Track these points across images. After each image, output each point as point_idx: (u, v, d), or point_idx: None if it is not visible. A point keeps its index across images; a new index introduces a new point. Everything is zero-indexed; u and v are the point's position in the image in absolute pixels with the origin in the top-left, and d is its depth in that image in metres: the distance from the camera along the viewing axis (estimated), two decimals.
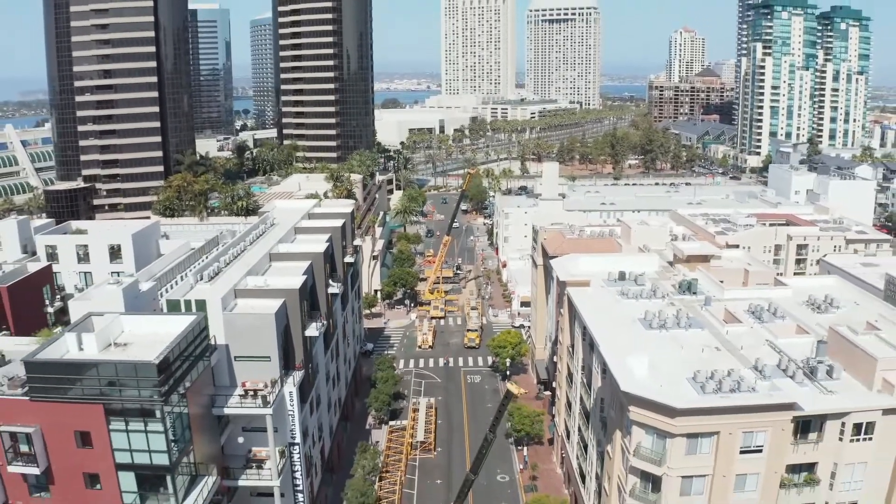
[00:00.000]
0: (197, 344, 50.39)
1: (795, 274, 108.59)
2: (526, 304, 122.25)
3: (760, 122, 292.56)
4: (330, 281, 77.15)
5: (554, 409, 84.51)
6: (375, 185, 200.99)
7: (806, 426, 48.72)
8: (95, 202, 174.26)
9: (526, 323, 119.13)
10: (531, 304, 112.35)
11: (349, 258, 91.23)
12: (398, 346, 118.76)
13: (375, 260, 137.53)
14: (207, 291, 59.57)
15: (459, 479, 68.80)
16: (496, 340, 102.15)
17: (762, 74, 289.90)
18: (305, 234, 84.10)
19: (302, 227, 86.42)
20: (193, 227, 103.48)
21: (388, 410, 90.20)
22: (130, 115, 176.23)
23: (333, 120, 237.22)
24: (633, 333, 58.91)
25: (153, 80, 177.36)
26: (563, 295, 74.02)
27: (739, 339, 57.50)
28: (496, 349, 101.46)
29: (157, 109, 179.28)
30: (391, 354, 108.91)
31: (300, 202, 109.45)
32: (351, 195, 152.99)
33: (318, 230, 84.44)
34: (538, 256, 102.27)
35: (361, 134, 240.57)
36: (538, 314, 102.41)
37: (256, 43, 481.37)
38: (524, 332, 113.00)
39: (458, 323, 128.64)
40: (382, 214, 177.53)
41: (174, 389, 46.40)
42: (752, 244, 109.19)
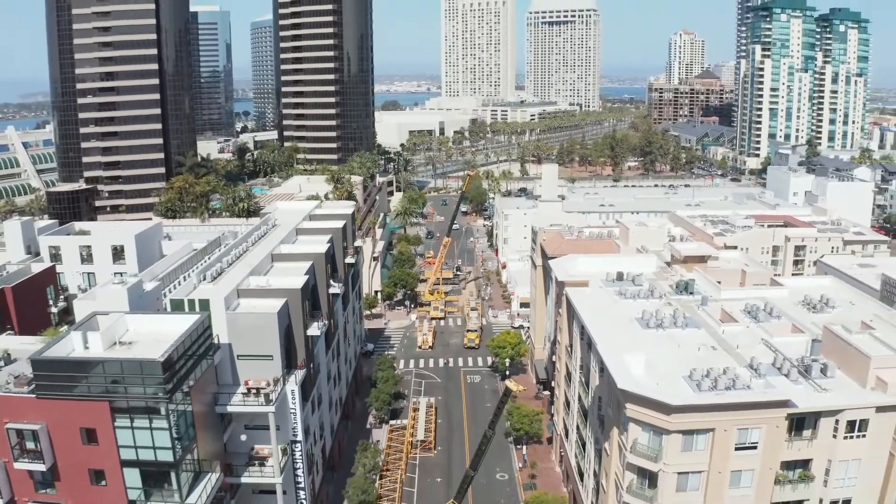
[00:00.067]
0: (201, 343, 51.15)
1: (793, 275, 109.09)
2: (525, 304, 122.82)
3: (759, 123, 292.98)
4: (331, 281, 77.85)
5: (553, 408, 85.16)
6: (376, 186, 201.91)
7: (800, 423, 49.37)
8: (97, 203, 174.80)
9: (525, 323, 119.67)
10: (530, 304, 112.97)
11: (350, 259, 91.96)
12: (398, 346, 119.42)
13: (376, 261, 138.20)
14: (211, 291, 60.22)
15: (459, 477, 69.45)
16: (496, 341, 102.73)
17: (761, 76, 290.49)
18: (307, 234, 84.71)
19: (303, 228, 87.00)
20: (195, 228, 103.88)
21: (388, 410, 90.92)
22: (132, 116, 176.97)
23: (334, 122, 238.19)
24: (630, 333, 59.53)
25: (155, 82, 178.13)
26: (561, 295, 74.71)
27: (735, 338, 58.12)
28: (496, 349, 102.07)
29: (158, 111, 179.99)
30: (391, 355, 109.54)
31: (301, 203, 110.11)
32: (351, 197, 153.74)
33: (319, 231, 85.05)
34: (537, 257, 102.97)
35: (362, 136, 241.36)
36: (537, 315, 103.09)
37: (257, 45, 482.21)
38: (523, 332, 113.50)
39: (457, 323, 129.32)
40: (383, 216, 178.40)
41: (178, 387, 47.12)
42: (750, 245, 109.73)
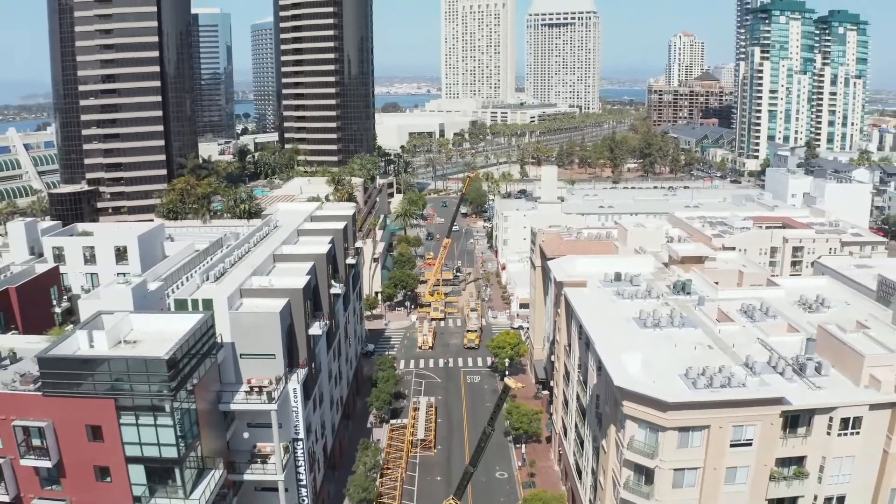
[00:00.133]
0: (204, 341, 51.92)
1: (791, 276, 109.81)
2: (525, 305, 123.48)
3: (759, 125, 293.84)
4: (332, 282, 78.58)
5: (552, 407, 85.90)
6: (376, 188, 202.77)
7: (795, 421, 50.06)
8: (99, 205, 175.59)
9: (525, 324, 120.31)
10: (530, 305, 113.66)
11: (351, 260, 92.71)
12: (399, 346, 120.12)
13: (376, 262, 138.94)
14: (214, 291, 60.94)
15: (459, 476, 70.13)
16: (495, 341, 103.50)
17: (760, 78, 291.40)
18: (308, 236, 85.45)
19: (304, 229, 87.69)
20: (197, 229, 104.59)
21: (388, 409, 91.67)
22: (134, 118, 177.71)
23: (334, 124, 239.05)
24: (627, 332, 60.25)
25: (156, 84, 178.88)
26: (560, 295, 75.46)
27: (731, 337, 58.79)
28: (495, 350, 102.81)
29: (160, 113, 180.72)
30: (392, 355, 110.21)
31: (302, 205, 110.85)
32: (352, 198, 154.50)
33: (320, 232, 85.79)
34: (536, 258, 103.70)
35: (362, 138, 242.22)
36: (536, 315, 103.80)
37: (257, 47, 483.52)
38: (523, 333, 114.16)
39: (457, 324, 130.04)
40: (383, 217, 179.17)
41: (183, 385, 47.86)
42: (748, 246, 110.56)
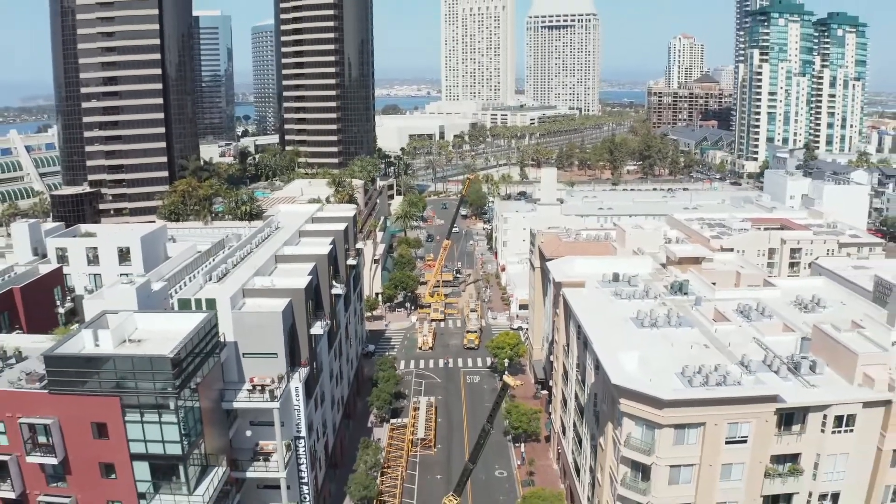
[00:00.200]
0: (208, 341, 52.68)
1: (789, 277, 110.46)
2: (524, 306, 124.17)
3: (758, 127, 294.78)
4: (333, 282, 79.37)
5: (550, 406, 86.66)
6: (376, 190, 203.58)
7: (789, 418, 50.77)
8: (101, 207, 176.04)
9: (524, 325, 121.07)
10: (529, 306, 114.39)
11: (351, 261, 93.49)
12: (399, 347, 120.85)
13: (376, 263, 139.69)
14: (217, 291, 61.71)
15: (458, 474, 70.80)
16: (495, 341, 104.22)
17: (759, 81, 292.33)
18: (309, 237, 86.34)
19: (306, 230, 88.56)
20: (199, 230, 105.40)
21: (389, 409, 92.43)
22: (136, 121, 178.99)
23: (335, 126, 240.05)
24: (625, 331, 61.00)
25: (158, 86, 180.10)
26: (558, 295, 76.22)
27: (727, 336, 59.46)
28: (495, 350, 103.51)
29: (161, 115, 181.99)
30: (392, 355, 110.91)
31: (304, 206, 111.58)
32: (352, 200, 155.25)
33: (321, 234, 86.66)
34: (535, 259, 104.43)
35: (362, 140, 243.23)
36: (536, 316, 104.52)
37: (258, 49, 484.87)
38: (522, 333, 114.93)
39: (457, 325, 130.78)
40: (383, 219, 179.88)
41: (187, 383, 48.62)
42: (746, 248, 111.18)
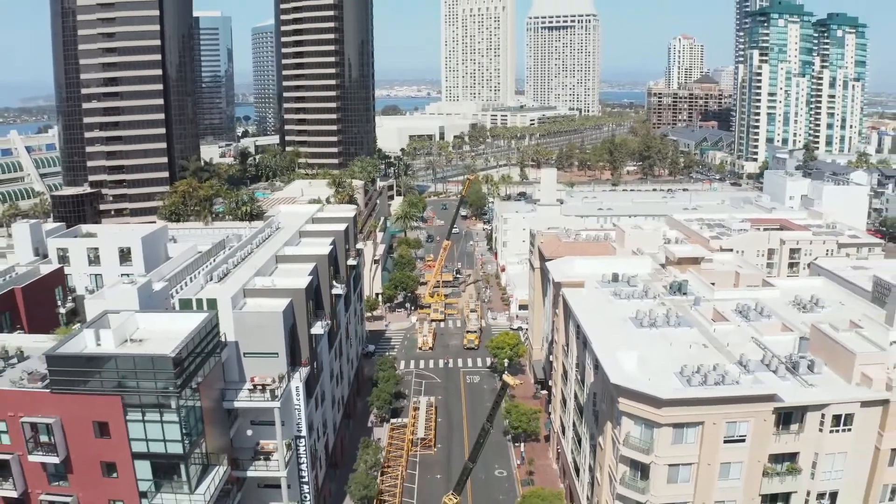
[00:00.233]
0: (209, 340, 52.96)
1: (788, 277, 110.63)
2: (524, 307, 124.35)
3: (757, 128, 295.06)
4: (334, 282, 79.61)
5: (550, 406, 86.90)
6: (376, 190, 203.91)
7: (787, 417, 51.02)
8: (101, 207, 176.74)
9: (524, 325, 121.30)
10: (529, 306, 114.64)
11: (352, 261, 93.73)
12: (399, 347, 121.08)
13: (377, 264, 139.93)
14: (218, 291, 61.93)
15: (458, 474, 71.05)
16: (495, 342, 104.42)
17: (759, 81, 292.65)
18: (310, 237, 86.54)
19: (306, 230, 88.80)
20: (200, 231, 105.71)
21: (389, 409, 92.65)
22: (136, 121, 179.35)
23: (335, 127, 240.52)
24: (624, 331, 61.22)
25: (158, 87, 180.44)
26: (558, 295, 76.47)
27: (726, 336, 59.69)
28: (494, 350, 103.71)
29: (162, 116, 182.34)
30: (392, 355, 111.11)
31: (304, 207, 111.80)
32: (352, 201, 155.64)
33: (321, 234, 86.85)
34: (535, 260, 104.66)
35: (362, 140, 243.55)
36: (535, 316, 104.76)
37: (258, 50, 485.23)
38: (522, 333, 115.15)
39: (457, 325, 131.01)
40: (383, 220, 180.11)
41: (188, 383, 48.88)
42: (745, 248, 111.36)
